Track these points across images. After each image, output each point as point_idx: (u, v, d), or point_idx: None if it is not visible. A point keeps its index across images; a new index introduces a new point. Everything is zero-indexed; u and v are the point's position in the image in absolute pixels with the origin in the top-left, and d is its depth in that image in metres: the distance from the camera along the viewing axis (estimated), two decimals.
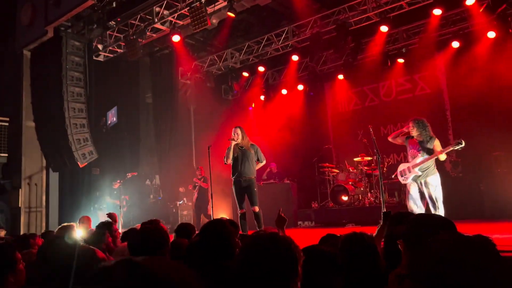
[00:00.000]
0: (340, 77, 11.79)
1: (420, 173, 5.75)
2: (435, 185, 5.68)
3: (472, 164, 9.03)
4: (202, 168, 10.68)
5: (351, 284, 1.91)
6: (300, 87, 12.27)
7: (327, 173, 10.47)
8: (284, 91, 12.50)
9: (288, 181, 10.55)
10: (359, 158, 9.75)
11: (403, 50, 10.40)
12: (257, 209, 6.34)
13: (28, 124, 9.76)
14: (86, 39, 9.77)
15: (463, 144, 5.46)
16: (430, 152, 5.74)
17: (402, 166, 6.15)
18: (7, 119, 10.82)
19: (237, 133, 6.59)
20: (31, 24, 9.68)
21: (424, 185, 5.75)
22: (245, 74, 12.50)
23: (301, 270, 1.44)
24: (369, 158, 9.56)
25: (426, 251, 1.11)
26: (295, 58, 11.28)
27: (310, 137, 12.03)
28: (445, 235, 1.15)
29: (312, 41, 10.16)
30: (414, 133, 5.84)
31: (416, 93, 10.91)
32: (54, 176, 10.01)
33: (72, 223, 5.32)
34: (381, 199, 5.63)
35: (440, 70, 10.46)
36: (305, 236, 7.40)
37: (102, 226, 3.91)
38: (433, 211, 5.66)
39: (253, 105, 13.19)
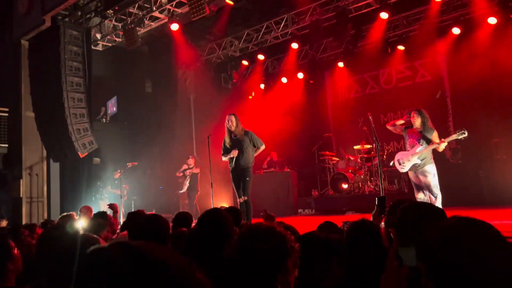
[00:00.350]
0: (340, 64, 11.73)
1: (419, 162, 5.86)
2: (433, 174, 5.84)
3: (471, 151, 9.03)
4: (193, 157, 10.73)
5: (354, 269, 1.92)
6: (300, 75, 12.22)
7: (327, 161, 10.49)
8: (284, 80, 12.45)
9: (289, 170, 10.57)
10: (359, 146, 9.76)
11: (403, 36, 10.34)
12: (244, 199, 6.29)
13: (28, 114, 9.74)
14: (84, 28, 9.69)
15: (466, 134, 5.60)
16: (429, 142, 5.85)
17: (400, 155, 6.22)
18: (7, 109, 10.80)
19: (231, 120, 6.55)
20: (28, 13, 9.58)
21: (421, 174, 5.90)
22: (245, 62, 12.44)
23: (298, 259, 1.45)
24: (369, 146, 9.56)
25: (428, 236, 1.10)
26: (294, 46, 11.21)
27: (310, 125, 12.01)
28: (450, 219, 1.14)
29: (312, 28, 10.08)
30: (417, 123, 5.93)
31: (416, 80, 10.87)
32: (55, 166, 10.02)
33: (72, 213, 5.35)
34: (381, 187, 5.66)
35: (440, 56, 10.40)
36: (305, 223, 7.44)
37: (100, 216, 3.92)
38: (432, 199, 5.77)
39: (253, 94, 13.15)
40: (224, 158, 6.71)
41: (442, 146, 5.84)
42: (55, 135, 9.28)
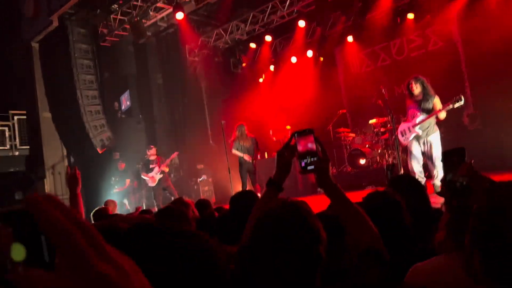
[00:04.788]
0: (350, 39, 11.52)
1: (421, 132, 5.69)
2: (437, 144, 5.66)
3: (491, 116, 8.84)
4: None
5: None
6: (310, 53, 12.07)
7: (343, 138, 10.43)
8: (293, 59, 12.32)
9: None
10: (375, 120, 9.66)
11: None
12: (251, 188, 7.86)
13: (45, 115, 9.94)
14: (91, 25, 9.75)
15: (463, 101, 5.36)
16: (430, 111, 5.66)
17: (402, 126, 6.07)
18: (24, 112, 11.04)
19: (240, 131, 8.26)
20: (36, 15, 9.69)
21: (425, 144, 5.71)
22: (253, 45, 12.34)
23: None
24: (385, 119, 9.46)
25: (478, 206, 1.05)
26: (301, 24, 11.05)
27: (323, 103, 11.91)
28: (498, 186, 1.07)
29: (318, 4, 9.91)
30: (417, 91, 5.73)
31: (429, 48, 10.61)
32: (76, 164, 10.25)
33: (103, 206, 5.48)
34: (398, 159, 5.61)
35: (452, 21, 10.10)
36: (325, 202, 7.45)
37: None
38: (433, 171, 5.61)
39: (263, 77, 13.09)
40: (235, 152, 8.35)
41: (442, 115, 5.63)
42: (73, 133, 9.47)
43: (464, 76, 9.93)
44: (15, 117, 11.47)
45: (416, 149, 5.74)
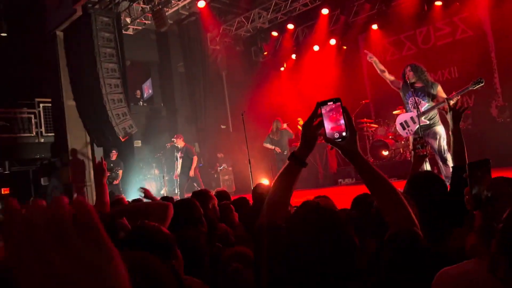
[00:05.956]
0: (374, 27, 11.26)
1: (427, 122, 5.20)
2: (443, 137, 5.11)
3: None
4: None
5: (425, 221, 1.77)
6: (333, 41, 11.85)
7: (365, 128, 10.26)
8: (316, 48, 12.13)
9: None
10: (398, 111, 9.44)
11: None
12: None
13: (69, 103, 10.11)
14: (114, 13, 9.80)
15: (483, 83, 4.80)
16: (435, 97, 5.18)
17: (402, 117, 5.63)
18: (49, 100, 11.26)
19: (275, 126, 9.13)
20: (60, 4, 9.81)
21: (430, 137, 5.19)
22: (274, 33, 12.20)
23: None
24: None
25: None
26: (325, 11, 10.85)
27: (346, 92, 11.69)
28: None
29: None
30: (412, 78, 5.33)
31: (456, 37, 10.26)
32: (99, 151, 10.43)
33: (122, 195, 5.55)
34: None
35: (482, 9, 9.72)
36: (346, 193, 7.37)
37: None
38: (442, 166, 5.13)
39: (284, 65, 12.95)
40: (265, 145, 9.32)
41: (452, 102, 5.24)
42: (96, 121, 9.60)
43: (494, 66, 9.59)
44: (41, 105, 11.72)
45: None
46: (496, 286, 1.18)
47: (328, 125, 1.36)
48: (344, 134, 1.35)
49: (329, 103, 1.36)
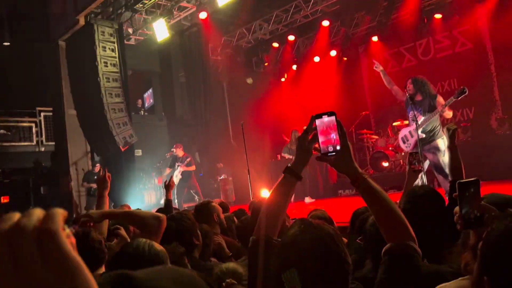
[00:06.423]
0: (374, 39, 11.34)
1: (424, 136, 5.08)
2: (443, 150, 4.89)
3: None
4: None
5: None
6: (333, 53, 11.93)
7: (365, 139, 10.27)
8: (316, 59, 12.20)
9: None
10: (399, 123, 9.46)
11: None
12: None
13: (70, 112, 10.15)
14: (116, 24, 9.89)
15: (467, 92, 4.77)
16: (433, 110, 5.12)
17: (403, 131, 5.65)
18: (51, 109, 11.31)
19: (293, 135, 9.04)
20: (63, 14, 9.91)
21: (429, 152, 5.03)
22: (275, 44, 12.28)
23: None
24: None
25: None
26: (325, 23, 10.93)
27: (346, 104, 11.75)
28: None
29: (343, 3, 9.77)
30: (411, 91, 5.32)
31: (456, 50, 10.33)
32: (99, 161, 10.43)
33: (126, 204, 5.54)
34: (422, 163, 5.41)
35: (482, 22, 9.80)
36: (345, 205, 7.36)
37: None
38: (442, 183, 4.93)
39: (285, 76, 13.01)
40: (283, 155, 9.45)
41: (448, 114, 5.04)
42: (97, 130, 9.62)
43: (493, 79, 9.64)
44: (42, 114, 11.78)
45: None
46: None
47: (322, 139, 1.37)
48: (338, 148, 1.36)
49: (324, 117, 1.37)
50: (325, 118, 1.37)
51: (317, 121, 1.38)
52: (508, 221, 0.98)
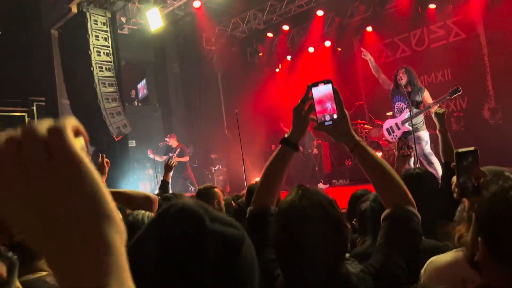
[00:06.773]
0: (369, 29, 11.32)
1: (410, 129, 5.35)
2: (426, 140, 5.33)
3: None
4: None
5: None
6: (328, 43, 11.91)
7: (359, 130, 10.30)
8: (311, 49, 12.18)
9: (320, 141, 10.47)
10: (391, 113, 9.50)
11: None
12: None
13: (63, 102, 10.07)
14: (109, 12, 9.79)
15: (460, 92, 4.97)
16: (419, 104, 5.33)
17: (388, 122, 5.77)
18: (43, 98, 11.21)
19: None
20: (55, 2, 9.78)
21: (414, 141, 5.33)
22: (270, 35, 12.23)
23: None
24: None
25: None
26: (320, 13, 10.90)
27: (340, 94, 11.75)
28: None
29: None
30: (404, 81, 5.42)
31: (450, 40, 10.35)
32: (93, 151, 10.38)
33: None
34: (415, 152, 5.46)
35: (476, 12, 9.81)
36: (340, 194, 7.40)
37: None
38: (428, 168, 5.25)
39: (280, 67, 12.98)
40: None
41: (436, 110, 5.30)
42: (90, 120, 9.56)
43: (487, 69, 9.68)
44: (35, 104, 11.67)
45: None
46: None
47: (318, 108, 1.36)
48: (335, 116, 1.35)
49: (320, 85, 1.36)
50: (321, 87, 1.36)
51: (313, 90, 1.36)
52: (502, 181, 0.99)
